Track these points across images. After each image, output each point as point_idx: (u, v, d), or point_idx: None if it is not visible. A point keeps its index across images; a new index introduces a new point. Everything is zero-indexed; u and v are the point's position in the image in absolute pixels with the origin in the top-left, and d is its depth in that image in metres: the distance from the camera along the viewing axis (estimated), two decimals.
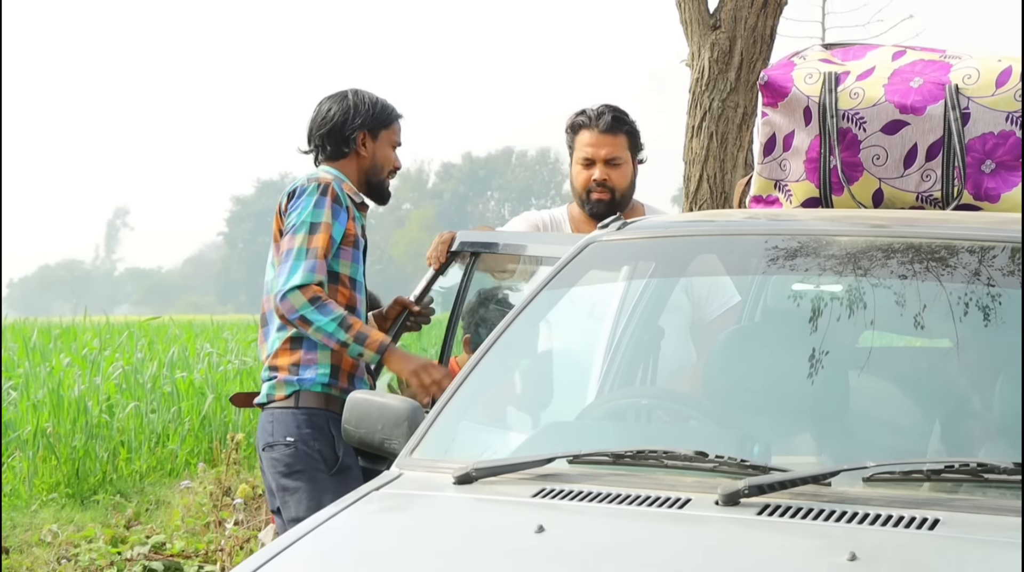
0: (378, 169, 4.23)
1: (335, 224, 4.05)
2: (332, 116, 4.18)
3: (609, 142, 4.52)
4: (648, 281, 3.65)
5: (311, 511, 3.97)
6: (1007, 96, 3.46)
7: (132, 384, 10.49)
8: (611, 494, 2.63)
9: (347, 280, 4.09)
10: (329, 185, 4.07)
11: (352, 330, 3.93)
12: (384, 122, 4.22)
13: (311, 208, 4.04)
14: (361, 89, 4.26)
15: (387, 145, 4.24)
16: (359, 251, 4.15)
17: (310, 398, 4.02)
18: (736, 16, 5.84)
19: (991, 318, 3.00)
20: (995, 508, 2.52)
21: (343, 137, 4.17)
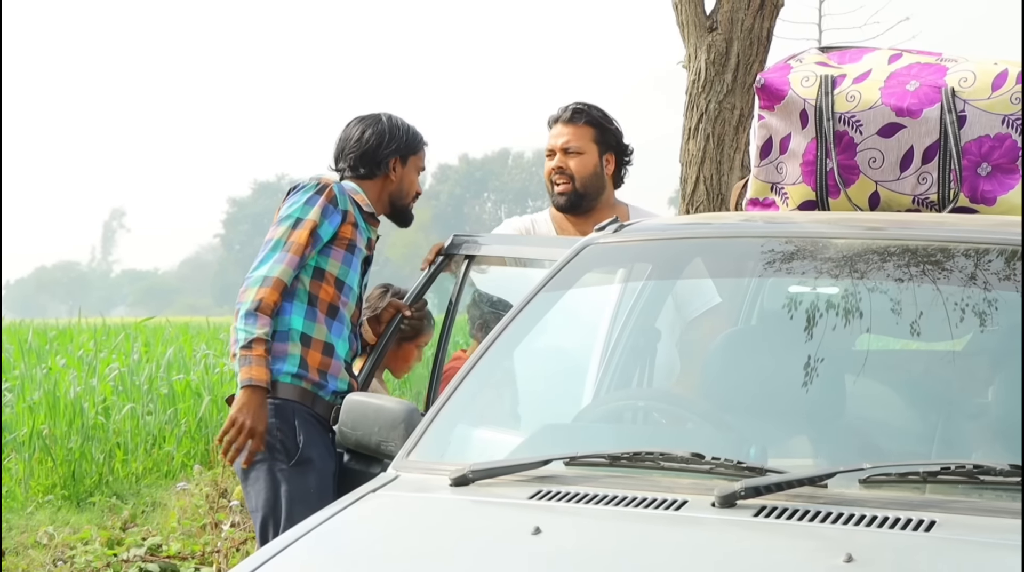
0: (404, 193, 4.28)
1: (324, 223, 4.06)
2: (367, 139, 4.24)
3: (567, 131, 4.65)
4: (645, 283, 3.66)
5: (268, 503, 3.98)
6: (1003, 99, 3.47)
7: (128, 386, 10.48)
8: (608, 496, 2.63)
9: (333, 279, 4.09)
10: (328, 186, 4.10)
11: (250, 351, 3.91)
12: (414, 148, 4.29)
13: (301, 204, 4.07)
14: (393, 115, 4.33)
15: (414, 170, 4.30)
16: (355, 258, 4.14)
17: (277, 388, 4.01)
18: (733, 18, 5.85)
19: (987, 321, 3.00)
20: (991, 510, 2.52)
21: (376, 160, 4.23)
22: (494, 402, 3.33)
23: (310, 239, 4.03)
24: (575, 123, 4.65)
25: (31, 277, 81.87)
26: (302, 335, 4.04)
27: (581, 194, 4.62)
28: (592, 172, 4.63)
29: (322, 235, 4.06)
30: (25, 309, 62.46)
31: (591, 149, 4.63)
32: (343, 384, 4.09)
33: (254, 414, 3.90)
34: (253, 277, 4.01)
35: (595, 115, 4.66)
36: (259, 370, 3.91)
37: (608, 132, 4.67)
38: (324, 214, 4.06)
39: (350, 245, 4.12)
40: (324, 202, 4.06)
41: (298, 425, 3.99)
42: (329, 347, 4.07)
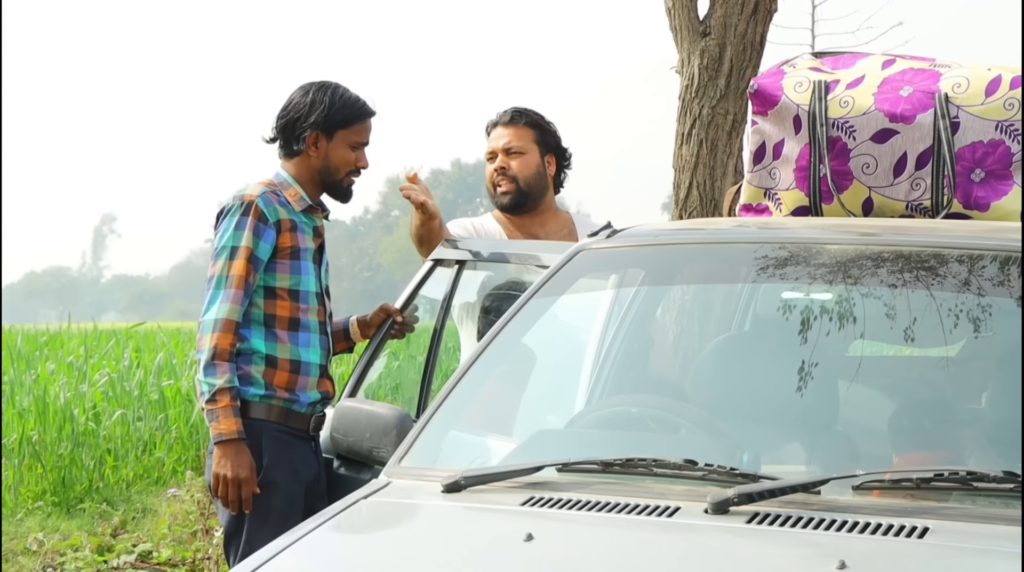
0: (332, 170, 4.08)
1: (260, 243, 3.94)
2: (288, 111, 4.08)
3: (508, 133, 4.67)
4: (637, 289, 3.65)
5: (231, 523, 3.95)
6: (997, 105, 3.47)
7: (119, 392, 10.45)
8: (600, 502, 2.63)
9: (286, 293, 3.99)
10: (252, 203, 3.95)
11: (215, 404, 3.85)
12: (343, 122, 4.06)
13: (232, 230, 3.95)
14: (330, 83, 4.11)
15: (344, 145, 4.07)
16: (304, 261, 4.03)
17: (247, 408, 3.94)
18: (726, 23, 5.84)
19: (981, 327, 3.00)
20: (985, 516, 2.52)
21: (294, 135, 4.07)
22: (486, 408, 3.32)
23: (249, 267, 3.92)
24: (516, 124, 4.67)
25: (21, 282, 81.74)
26: (267, 357, 3.97)
27: (525, 193, 4.64)
28: (535, 172, 4.65)
29: (261, 257, 3.95)
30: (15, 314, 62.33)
31: (533, 149, 4.66)
32: (315, 395, 4.03)
33: (233, 465, 3.85)
34: (204, 322, 3.92)
35: (535, 117, 4.70)
36: (227, 423, 3.85)
37: (548, 134, 4.70)
38: (256, 235, 3.93)
39: (294, 251, 4.00)
40: (253, 222, 3.94)
41: (264, 445, 3.93)
42: (296, 364, 4.00)
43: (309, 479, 4.00)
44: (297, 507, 3.92)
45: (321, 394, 4.05)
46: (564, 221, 4.74)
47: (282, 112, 4.10)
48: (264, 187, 4.04)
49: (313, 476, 4.01)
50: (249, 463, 3.87)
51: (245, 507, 3.88)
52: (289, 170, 4.10)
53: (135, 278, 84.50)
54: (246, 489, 3.87)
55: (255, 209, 3.96)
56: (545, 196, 4.69)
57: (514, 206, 4.66)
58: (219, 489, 3.88)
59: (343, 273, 66.41)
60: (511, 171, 4.64)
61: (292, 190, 4.06)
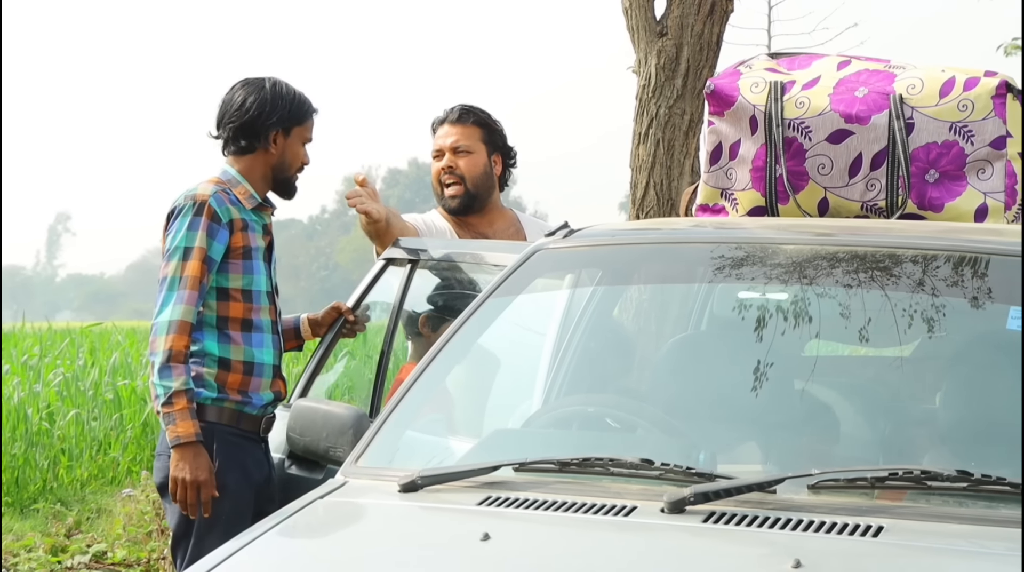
0: (286, 166, 4.07)
1: (213, 244, 3.91)
2: (248, 108, 4.02)
3: (455, 131, 4.63)
4: (594, 289, 3.65)
5: (180, 524, 3.92)
6: (951, 106, 3.49)
7: (73, 391, 10.37)
8: (557, 502, 2.63)
9: (239, 293, 3.97)
10: (205, 203, 3.92)
11: (171, 407, 3.82)
12: (299, 118, 4.06)
13: (184, 231, 3.91)
14: (280, 80, 4.10)
15: (298, 142, 4.08)
16: (255, 261, 4.00)
17: (200, 410, 3.91)
18: (682, 23, 5.86)
19: (935, 327, 3.02)
20: (939, 515, 2.54)
21: (255, 132, 4.02)
22: (443, 408, 3.32)
23: (203, 268, 3.89)
24: (463, 123, 4.63)
25: None
26: (219, 360, 3.95)
27: (473, 195, 4.61)
28: (482, 171, 4.62)
29: (215, 257, 3.92)
30: None
31: (480, 149, 4.62)
32: (268, 396, 4.01)
33: (191, 468, 3.82)
34: (158, 324, 3.88)
35: (482, 116, 4.66)
36: (184, 425, 3.81)
37: (495, 133, 4.66)
38: (210, 235, 3.90)
39: (246, 251, 3.98)
40: (206, 222, 3.90)
41: (216, 448, 3.91)
42: (249, 365, 3.98)
43: (259, 481, 3.99)
44: (246, 510, 3.90)
45: (274, 394, 4.03)
46: (510, 219, 4.73)
47: (238, 109, 4.04)
48: (214, 186, 3.99)
49: (263, 478, 4.00)
50: (208, 465, 3.84)
51: (204, 510, 3.85)
52: (237, 167, 4.06)
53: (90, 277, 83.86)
54: (205, 492, 3.84)
55: (208, 209, 3.92)
56: (492, 196, 4.67)
57: (462, 208, 4.62)
58: (178, 493, 3.84)
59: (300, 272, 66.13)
60: (458, 170, 4.60)
61: (241, 188, 4.02)
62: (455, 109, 4.66)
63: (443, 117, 4.66)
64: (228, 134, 4.06)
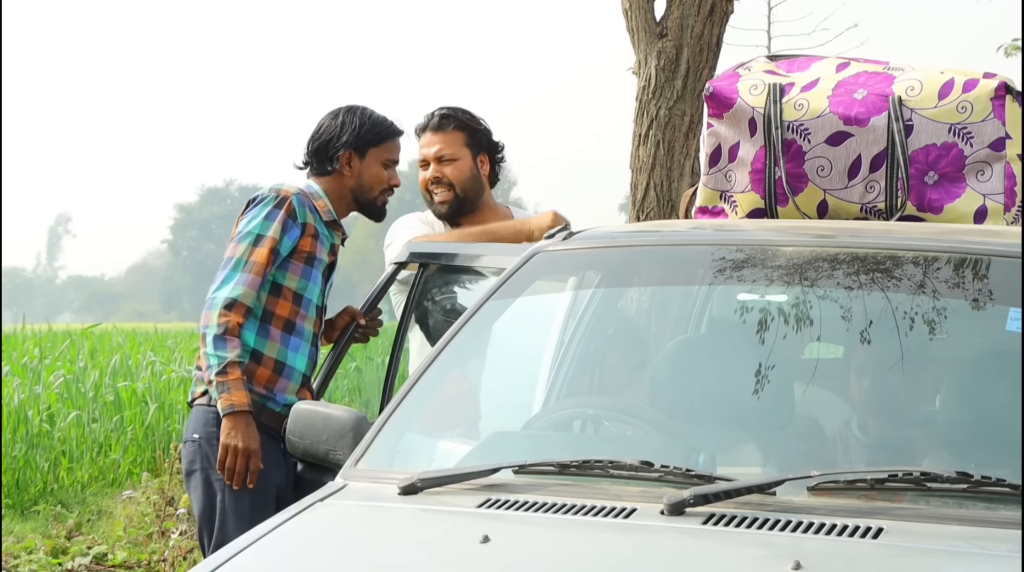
0: (365, 188, 4.20)
1: (284, 239, 4.01)
2: (322, 133, 4.19)
3: (438, 140, 4.59)
4: (594, 291, 3.65)
5: (205, 510, 3.99)
6: (950, 108, 3.50)
7: (74, 393, 10.37)
8: (556, 504, 2.63)
9: (291, 294, 4.05)
10: (287, 198, 4.04)
11: (225, 376, 3.88)
12: (373, 141, 4.19)
13: (261, 219, 4.02)
14: (358, 106, 4.24)
15: (376, 164, 4.20)
16: (316, 270, 4.10)
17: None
18: (682, 24, 5.86)
19: (935, 329, 3.02)
20: (938, 517, 2.54)
21: (328, 155, 4.16)
22: (443, 410, 3.32)
23: (270, 257, 3.99)
24: (444, 130, 4.59)
25: None
26: (253, 351, 4.01)
27: (463, 199, 4.59)
28: (469, 176, 4.59)
29: (281, 251, 4.02)
30: None
31: (464, 154, 4.59)
32: (292, 400, 4.03)
33: (243, 436, 3.89)
34: (216, 297, 3.95)
35: (463, 119, 4.61)
36: (238, 395, 3.89)
37: (478, 133, 4.62)
38: (284, 229, 4.01)
39: (309, 258, 4.08)
40: (284, 216, 4.02)
41: None
42: (280, 365, 4.04)
43: (279, 480, 4.02)
44: (268, 501, 3.95)
45: (299, 399, 4.05)
46: (503, 216, 4.69)
47: (314, 136, 4.21)
48: (299, 190, 4.12)
49: (283, 478, 4.03)
50: (257, 436, 3.91)
51: (250, 480, 3.91)
52: (320, 185, 4.19)
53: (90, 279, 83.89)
54: (254, 461, 3.91)
55: (288, 204, 4.04)
56: (482, 196, 4.63)
57: (452, 213, 4.59)
58: (227, 460, 3.90)
59: None
60: (445, 179, 4.57)
61: (321, 202, 4.15)
62: (435, 115, 4.61)
63: (424, 124, 4.63)
64: (306, 158, 4.21)
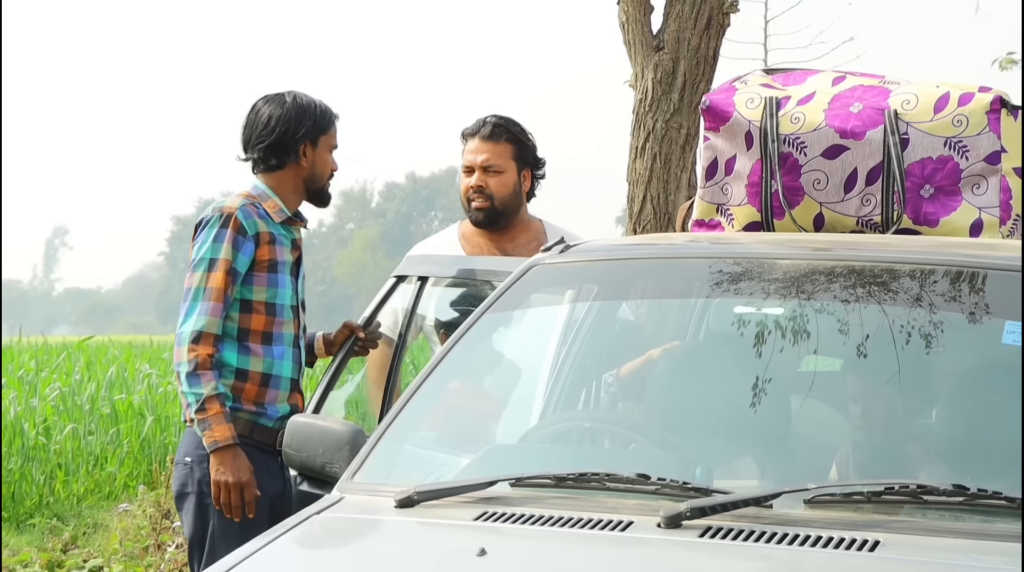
0: (318, 176, 4.10)
1: (238, 256, 3.94)
2: (274, 126, 4.05)
3: (487, 149, 4.57)
4: (591, 304, 3.66)
5: (195, 533, 3.96)
6: (945, 122, 3.51)
7: (70, 406, 10.36)
8: (553, 517, 2.63)
9: (262, 306, 4.00)
10: (232, 215, 3.95)
11: (205, 413, 3.87)
12: (323, 128, 4.09)
13: (210, 243, 3.95)
14: (299, 92, 4.12)
15: (326, 150, 4.11)
16: (281, 274, 4.03)
17: None
18: (679, 37, 5.87)
19: (932, 342, 3.02)
20: (935, 530, 2.54)
21: (285, 149, 4.05)
22: (440, 423, 3.32)
23: (227, 279, 3.92)
24: (495, 140, 4.57)
25: None
26: (237, 371, 3.98)
27: (500, 212, 4.57)
28: (512, 191, 4.59)
29: (239, 269, 3.95)
30: None
31: (511, 167, 4.58)
32: (284, 409, 4.03)
33: (232, 470, 3.86)
34: (183, 333, 3.92)
35: (515, 131, 4.60)
36: (221, 429, 3.87)
37: (526, 148, 4.62)
38: (235, 247, 3.94)
39: (272, 265, 4.01)
40: (232, 234, 3.93)
41: None
42: (267, 377, 4.01)
43: (274, 493, 4.00)
44: (261, 521, 3.91)
45: (291, 407, 4.05)
46: (535, 232, 4.66)
47: (264, 128, 4.06)
48: (243, 199, 4.04)
49: (278, 491, 4.01)
50: (247, 466, 3.88)
51: (248, 511, 3.88)
52: (268, 182, 4.09)
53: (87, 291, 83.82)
54: (248, 492, 3.88)
55: (234, 221, 3.96)
56: (519, 213, 4.63)
57: (488, 222, 4.58)
58: (221, 496, 3.88)
59: None
60: (488, 190, 4.55)
61: (271, 202, 4.06)
62: (488, 124, 4.58)
63: (475, 130, 4.59)
64: (258, 154, 4.08)
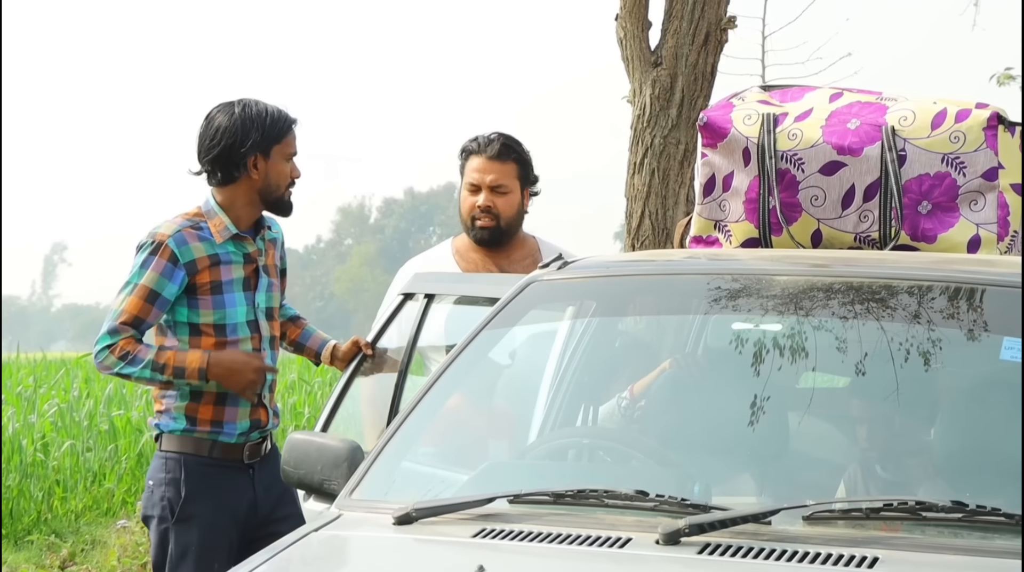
0: (273, 187, 3.98)
1: (167, 285, 3.88)
2: (219, 140, 3.93)
3: (496, 169, 4.54)
4: (589, 320, 3.66)
5: (157, 559, 3.94)
6: (943, 138, 3.51)
7: (68, 422, 10.35)
8: (552, 534, 2.63)
9: (210, 328, 3.94)
10: (163, 244, 3.89)
11: (167, 370, 3.86)
12: (275, 138, 3.96)
13: (136, 268, 3.91)
14: (250, 101, 3.97)
15: (281, 160, 3.98)
16: (230, 293, 3.95)
17: (170, 441, 3.96)
18: (677, 53, 5.89)
19: (930, 357, 3.03)
20: (934, 546, 2.54)
21: (233, 162, 3.94)
22: (438, 440, 3.31)
23: (143, 306, 3.88)
24: (503, 160, 4.54)
25: None
26: (191, 393, 3.95)
27: (504, 231, 4.56)
28: (517, 211, 4.58)
29: (167, 296, 3.90)
30: None
31: (516, 187, 4.57)
32: (245, 425, 3.99)
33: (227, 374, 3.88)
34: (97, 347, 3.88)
35: (520, 151, 4.60)
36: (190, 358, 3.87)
37: (528, 168, 4.61)
38: (164, 275, 3.89)
39: (215, 286, 3.94)
40: (161, 263, 3.89)
41: (183, 478, 3.92)
42: (222, 396, 3.96)
43: (241, 509, 3.96)
44: (221, 540, 3.90)
45: (251, 423, 4.01)
46: (530, 249, 4.66)
47: (212, 141, 3.96)
48: (182, 222, 3.96)
49: (246, 505, 3.97)
50: (232, 357, 3.90)
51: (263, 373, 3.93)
52: (220, 198, 4.00)
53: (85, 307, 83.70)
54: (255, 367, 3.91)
55: (165, 249, 3.90)
56: (519, 231, 4.63)
57: (491, 241, 4.56)
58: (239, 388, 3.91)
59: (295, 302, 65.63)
60: (495, 210, 4.52)
61: (217, 220, 3.97)
62: (495, 143, 4.54)
63: (480, 148, 4.55)
64: (207, 167, 4.00)
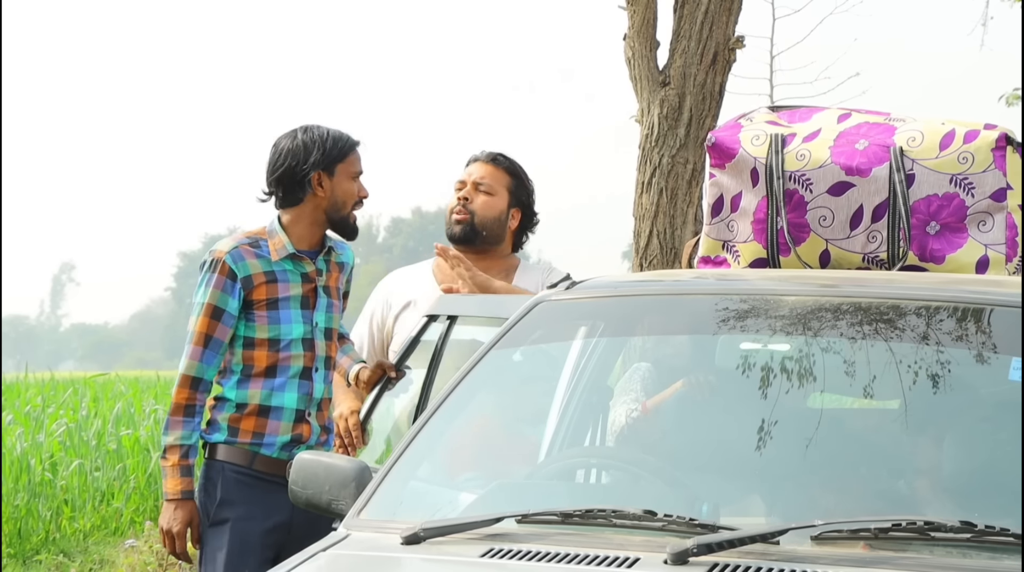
0: (339, 205, 4.10)
1: (228, 300, 4.01)
2: (281, 162, 4.07)
3: (484, 170, 4.63)
4: (597, 340, 3.66)
5: (197, 560, 4.11)
6: (951, 158, 3.52)
7: (76, 441, 10.36)
8: (560, 554, 2.62)
9: (265, 343, 4.06)
10: (220, 261, 4.02)
11: (165, 461, 4.04)
12: (338, 156, 4.08)
13: (201, 287, 4.05)
14: (311, 125, 4.13)
15: (346, 178, 4.09)
16: (286, 310, 4.06)
17: (213, 450, 4.11)
18: (685, 73, 5.90)
19: (939, 379, 3.02)
20: (942, 566, 2.53)
21: (297, 182, 4.06)
22: (446, 460, 3.31)
23: (211, 323, 4.02)
24: (494, 165, 4.63)
25: None
26: (237, 405, 4.07)
27: (477, 230, 4.58)
28: (495, 216, 4.60)
29: (231, 311, 4.03)
30: None
31: (502, 194, 4.60)
32: (285, 438, 4.07)
33: (169, 520, 4.03)
34: (179, 372, 4.07)
35: (515, 166, 4.65)
36: (172, 482, 4.02)
37: (523, 187, 4.65)
38: (224, 291, 4.02)
39: (271, 302, 4.05)
40: (220, 279, 4.01)
41: (220, 485, 4.05)
42: (265, 409, 4.05)
43: (277, 523, 4.03)
44: (251, 549, 3.99)
45: (293, 437, 4.07)
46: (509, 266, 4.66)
47: (276, 163, 4.09)
48: (241, 239, 4.10)
49: (284, 520, 4.03)
50: (184, 519, 4.02)
51: (182, 559, 4.08)
52: (286, 217, 4.12)
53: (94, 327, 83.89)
54: (179, 543, 4.03)
55: (222, 266, 4.03)
56: (499, 245, 4.63)
57: (463, 238, 4.58)
58: (164, 542, 4.07)
59: None
60: (471, 206, 4.58)
61: (277, 239, 4.10)
62: (491, 151, 4.67)
63: (477, 155, 4.68)
64: (272, 189, 4.12)
